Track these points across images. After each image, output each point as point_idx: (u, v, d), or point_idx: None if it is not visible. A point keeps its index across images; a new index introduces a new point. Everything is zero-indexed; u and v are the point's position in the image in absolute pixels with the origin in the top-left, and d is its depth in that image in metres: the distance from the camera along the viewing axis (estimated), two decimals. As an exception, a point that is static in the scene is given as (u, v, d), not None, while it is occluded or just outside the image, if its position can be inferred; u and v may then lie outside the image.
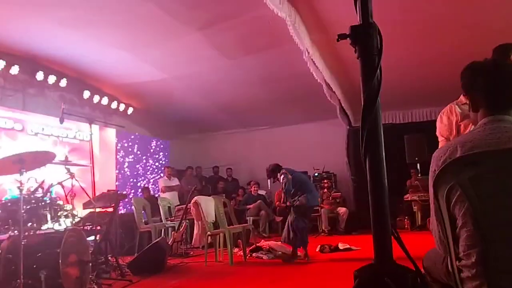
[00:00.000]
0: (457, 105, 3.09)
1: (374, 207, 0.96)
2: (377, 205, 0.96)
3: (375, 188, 0.96)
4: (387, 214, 0.95)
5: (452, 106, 3.11)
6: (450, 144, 1.51)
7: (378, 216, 0.95)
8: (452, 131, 3.06)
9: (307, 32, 6.25)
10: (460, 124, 3.03)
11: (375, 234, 0.95)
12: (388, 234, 0.95)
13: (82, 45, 6.74)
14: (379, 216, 0.95)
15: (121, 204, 8.76)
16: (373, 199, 0.96)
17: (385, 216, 0.95)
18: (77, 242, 3.83)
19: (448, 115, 3.10)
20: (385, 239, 0.95)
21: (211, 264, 5.70)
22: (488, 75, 1.51)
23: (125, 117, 9.59)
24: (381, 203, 0.95)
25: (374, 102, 0.96)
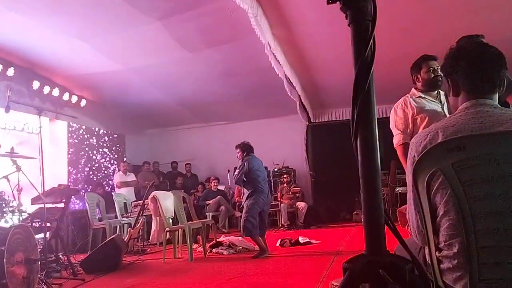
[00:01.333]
0: (411, 98, 3.09)
1: (366, 192, 0.87)
2: (370, 191, 0.87)
3: (367, 171, 0.87)
4: (380, 200, 0.86)
5: (406, 99, 3.10)
6: (430, 129, 1.45)
7: (371, 202, 0.86)
8: (408, 124, 3.04)
9: (269, 26, 6.17)
10: (417, 117, 3.01)
11: (367, 222, 0.86)
12: (381, 222, 0.86)
13: (31, 32, 6.30)
14: (372, 202, 0.86)
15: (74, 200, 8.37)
16: (365, 184, 0.87)
17: (378, 202, 0.86)
18: (24, 239, 3.56)
19: (403, 108, 3.08)
20: (378, 228, 0.86)
21: (169, 261, 5.52)
22: (471, 58, 1.46)
23: (78, 110, 9.14)
24: (373, 188, 0.86)
25: (367, 75, 0.87)
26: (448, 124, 1.41)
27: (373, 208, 0.85)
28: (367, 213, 0.86)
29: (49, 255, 4.64)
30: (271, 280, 4.25)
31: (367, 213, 0.86)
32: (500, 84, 1.47)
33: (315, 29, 6.47)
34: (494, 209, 1.28)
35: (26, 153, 5.27)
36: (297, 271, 4.61)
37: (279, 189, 9.77)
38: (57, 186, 5.09)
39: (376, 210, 0.85)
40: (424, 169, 1.39)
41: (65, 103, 8.76)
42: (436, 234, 1.42)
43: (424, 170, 1.38)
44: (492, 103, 1.43)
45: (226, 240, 6.16)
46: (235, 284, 4.11)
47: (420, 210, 1.46)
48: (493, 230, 1.28)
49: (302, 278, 4.22)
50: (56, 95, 8.37)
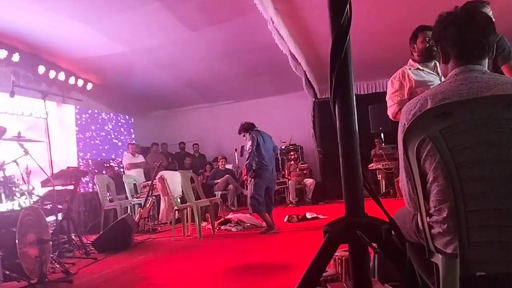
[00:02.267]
0: (410, 70, 3.02)
1: (344, 156, 0.89)
2: (347, 154, 0.89)
3: (345, 135, 0.88)
4: (358, 163, 0.88)
5: (404, 70, 3.02)
6: (420, 96, 1.46)
7: (349, 165, 0.88)
8: (403, 95, 2.94)
9: (271, 1, 6.10)
10: (416, 90, 2.89)
11: (346, 185, 0.89)
12: (359, 185, 0.88)
13: (34, 17, 6.31)
14: (350, 166, 0.88)
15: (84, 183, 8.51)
16: (343, 147, 0.89)
17: (356, 166, 0.88)
18: (35, 221, 3.64)
19: (400, 80, 2.99)
20: (356, 190, 0.88)
21: (179, 239, 5.63)
22: (460, 24, 1.45)
23: (85, 93, 9.21)
24: (351, 151, 0.88)
25: (343, 42, 0.88)
26: (437, 91, 1.42)
27: (351, 172, 0.87)
28: (345, 176, 0.88)
29: (62, 236, 4.76)
30: (278, 254, 4.32)
31: (345, 176, 0.88)
32: (489, 49, 1.46)
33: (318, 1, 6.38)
34: (481, 174, 1.29)
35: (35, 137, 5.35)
36: (303, 245, 4.67)
37: (287, 166, 9.82)
38: (66, 168, 5.18)
39: (354, 173, 0.87)
40: (413, 137, 1.40)
41: (71, 87, 8.81)
42: (426, 201, 1.45)
43: (413, 138, 1.40)
44: (480, 69, 1.43)
45: (235, 218, 6.24)
46: (243, 259, 4.20)
47: (411, 178, 1.48)
48: (481, 194, 1.30)
49: (308, 251, 4.27)
50: (62, 79, 8.42)
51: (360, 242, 0.86)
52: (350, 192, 0.88)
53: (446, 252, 1.39)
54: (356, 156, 0.88)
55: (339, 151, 0.89)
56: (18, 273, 3.30)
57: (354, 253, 0.88)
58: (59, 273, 3.82)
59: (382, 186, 9.18)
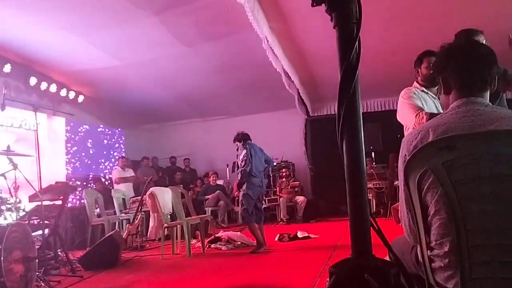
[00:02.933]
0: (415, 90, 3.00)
1: (351, 195, 0.86)
2: (355, 193, 0.86)
3: (353, 174, 0.86)
4: (366, 203, 0.86)
5: (411, 89, 3.00)
6: (422, 127, 1.44)
7: (356, 205, 0.86)
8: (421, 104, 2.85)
9: (266, 19, 6.13)
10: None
11: (353, 225, 0.86)
12: (367, 226, 0.85)
13: (27, 28, 6.26)
14: (357, 205, 0.86)
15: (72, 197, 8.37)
16: (351, 187, 0.86)
17: (364, 205, 0.86)
18: (21, 237, 3.56)
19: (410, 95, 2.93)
20: (364, 231, 0.85)
21: (168, 257, 5.53)
22: (462, 56, 1.44)
23: (76, 106, 9.13)
24: (359, 190, 0.86)
25: (352, 78, 0.86)
26: (439, 123, 1.40)
27: (359, 211, 0.85)
28: (352, 216, 0.86)
29: (48, 252, 4.66)
30: (270, 275, 4.26)
31: (352, 216, 0.86)
32: (491, 82, 1.45)
33: (312, 22, 6.43)
34: (484, 208, 1.27)
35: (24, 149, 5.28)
36: (295, 266, 4.62)
37: (278, 183, 9.78)
38: (55, 183, 5.10)
39: (361, 213, 0.85)
40: (415, 168, 1.38)
41: (62, 99, 8.73)
42: (427, 233, 1.42)
43: (415, 169, 1.38)
44: (483, 101, 1.42)
45: (225, 236, 6.16)
46: (234, 280, 4.12)
47: (411, 209, 1.45)
48: (484, 229, 1.28)
49: (300, 272, 4.23)
50: (54, 91, 8.34)
51: (368, 287, 0.83)
52: (357, 233, 0.86)
53: (447, 287, 1.36)
54: (364, 194, 0.86)
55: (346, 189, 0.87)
56: (2, 292, 3.21)
57: (361, 297, 0.85)
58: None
59: (373, 205, 9.18)
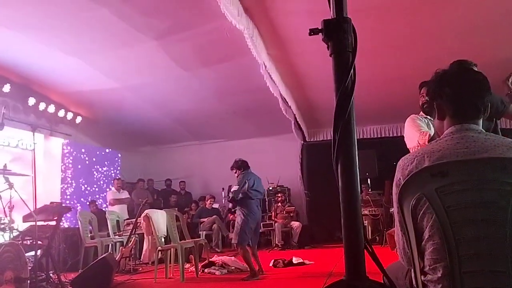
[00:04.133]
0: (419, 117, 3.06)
1: (346, 218, 0.89)
2: (349, 216, 0.88)
3: (347, 197, 0.89)
4: (360, 226, 0.88)
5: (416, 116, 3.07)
6: (417, 153, 1.47)
7: (350, 228, 0.88)
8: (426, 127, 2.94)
9: (264, 46, 6.26)
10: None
11: (347, 248, 0.88)
12: (360, 248, 0.87)
13: (28, 49, 6.35)
14: (352, 228, 0.88)
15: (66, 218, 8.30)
16: (345, 210, 0.89)
17: (358, 228, 0.88)
18: (14, 257, 3.53)
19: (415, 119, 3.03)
20: (358, 253, 0.87)
21: (160, 281, 5.45)
22: (455, 83, 1.49)
23: (73, 127, 9.17)
24: (353, 214, 0.88)
25: (347, 104, 0.90)
26: (435, 149, 1.43)
27: (353, 233, 0.87)
28: (347, 238, 0.88)
29: (40, 274, 4.59)
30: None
31: (347, 238, 0.88)
32: (485, 109, 1.49)
33: (309, 48, 6.54)
34: (476, 235, 1.30)
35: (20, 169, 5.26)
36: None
37: (274, 208, 9.74)
38: (49, 203, 5.07)
39: (356, 235, 0.87)
40: (409, 194, 1.40)
41: (60, 120, 8.77)
42: (421, 258, 1.43)
43: (409, 195, 1.40)
44: (476, 128, 1.46)
45: (219, 260, 6.10)
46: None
47: (405, 233, 1.47)
48: (476, 255, 1.30)
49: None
50: (52, 111, 8.39)
51: (361, 308, 0.85)
52: (351, 255, 0.88)
53: (440, 312, 1.37)
54: (358, 217, 0.88)
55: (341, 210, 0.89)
56: (-8, 313, 3.16)
57: (354, 319, 0.86)
58: (34, 315, 3.66)
59: (368, 232, 9.13)
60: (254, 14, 5.59)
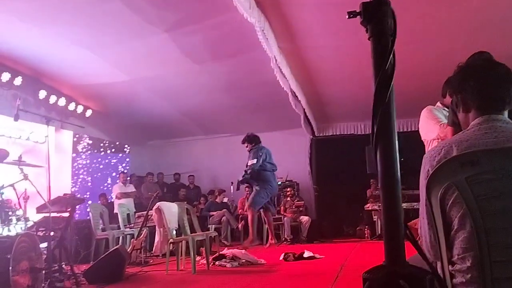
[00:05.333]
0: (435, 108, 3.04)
1: (386, 204, 0.88)
2: (389, 203, 0.88)
3: (388, 182, 0.88)
4: (400, 210, 0.87)
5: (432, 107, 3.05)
6: (445, 143, 1.46)
7: (391, 212, 0.87)
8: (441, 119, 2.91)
9: (275, 39, 6.23)
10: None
11: (387, 234, 0.87)
12: (401, 233, 0.87)
13: (38, 42, 6.37)
14: (391, 214, 0.87)
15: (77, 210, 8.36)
16: (385, 195, 0.88)
17: (398, 213, 0.87)
18: (29, 248, 3.56)
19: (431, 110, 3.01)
20: (398, 238, 0.86)
21: (172, 273, 5.48)
22: (480, 76, 1.47)
23: (83, 120, 9.19)
24: (393, 200, 0.87)
25: (387, 88, 0.88)
26: (462, 139, 1.42)
27: (393, 219, 0.86)
28: (387, 224, 0.87)
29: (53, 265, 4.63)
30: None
31: (387, 224, 0.87)
32: (510, 101, 1.47)
33: (321, 43, 6.53)
34: (507, 224, 1.29)
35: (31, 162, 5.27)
36: (302, 285, 4.58)
37: (283, 203, 9.74)
38: (63, 195, 5.10)
39: (396, 221, 0.86)
40: (437, 183, 1.39)
41: (70, 113, 8.80)
42: (449, 249, 1.42)
43: (437, 184, 1.39)
44: (504, 119, 1.44)
45: (229, 253, 6.12)
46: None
47: (433, 224, 1.46)
48: (507, 244, 1.29)
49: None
50: (62, 104, 8.42)
51: (402, 293, 0.84)
52: (391, 240, 0.87)
53: (468, 302, 1.36)
54: (398, 203, 0.87)
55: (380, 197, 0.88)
56: (9, 302, 3.19)
57: (395, 304, 0.86)
58: (49, 304, 3.69)
59: (378, 227, 9.11)
60: (266, 7, 5.57)
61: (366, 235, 9.22)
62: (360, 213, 9.76)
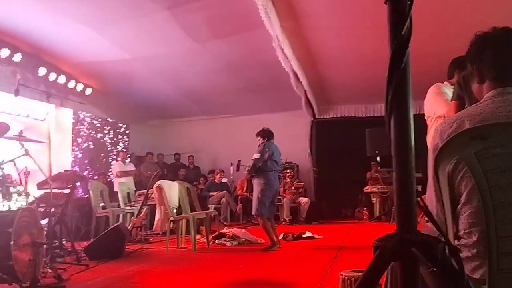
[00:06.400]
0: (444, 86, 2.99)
1: (398, 171, 0.86)
2: (402, 169, 0.86)
3: (400, 149, 0.86)
4: (412, 179, 0.85)
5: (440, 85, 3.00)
6: (457, 117, 1.43)
7: (403, 181, 0.86)
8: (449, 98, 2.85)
9: (278, 18, 6.14)
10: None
11: (399, 201, 0.85)
12: (413, 200, 0.85)
13: (39, 18, 6.28)
14: (404, 182, 0.85)
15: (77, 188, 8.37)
16: (398, 163, 0.86)
17: (411, 182, 0.85)
18: (30, 222, 3.56)
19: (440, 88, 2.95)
20: (410, 206, 0.85)
21: (172, 251, 5.53)
22: (497, 46, 1.43)
23: (83, 98, 9.11)
24: (406, 167, 0.85)
25: (403, 53, 0.86)
26: (475, 112, 1.39)
27: (406, 187, 0.85)
28: (399, 191, 0.85)
29: (54, 241, 4.66)
30: (276, 271, 4.26)
31: (399, 191, 0.85)
32: None
33: (324, 23, 6.45)
34: (516, 198, 1.27)
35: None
36: (301, 264, 4.62)
37: (282, 184, 9.77)
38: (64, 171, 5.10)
39: (408, 188, 0.85)
40: (446, 158, 1.37)
41: (70, 91, 8.73)
42: (455, 223, 1.42)
43: (446, 158, 1.37)
44: None
45: (229, 232, 6.16)
46: (240, 274, 4.13)
47: (440, 198, 1.45)
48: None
49: (306, 270, 4.22)
50: (62, 82, 8.33)
51: (414, 261, 0.83)
52: (403, 208, 0.85)
53: (473, 277, 1.36)
54: (411, 172, 0.85)
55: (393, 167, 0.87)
56: (10, 275, 3.21)
57: (406, 272, 0.85)
58: (50, 278, 3.71)
59: (376, 209, 9.16)
60: (269, -15, 5.48)
61: (364, 217, 9.28)
62: (359, 195, 9.80)
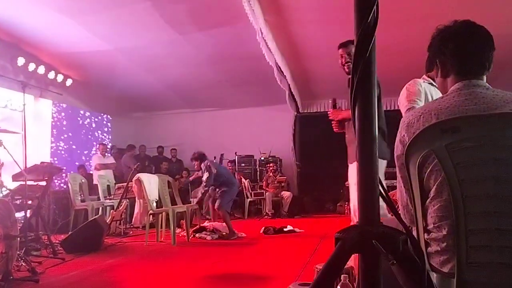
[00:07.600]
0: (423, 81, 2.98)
1: (361, 162, 0.84)
2: (365, 160, 0.84)
3: (364, 138, 0.84)
4: (376, 171, 0.83)
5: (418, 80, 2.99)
6: (423, 110, 1.42)
7: (366, 171, 0.84)
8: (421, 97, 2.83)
9: (261, 11, 6.09)
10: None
11: (362, 194, 0.84)
12: (375, 193, 0.83)
13: (17, 7, 6.12)
14: (367, 173, 0.84)
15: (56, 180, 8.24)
16: (361, 153, 0.84)
17: (374, 174, 0.83)
18: (3, 215, 3.48)
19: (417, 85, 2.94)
20: (372, 198, 0.83)
21: (151, 244, 5.48)
22: (460, 39, 1.42)
23: (63, 89, 8.96)
24: (369, 158, 0.84)
25: (368, 42, 0.84)
26: (442, 106, 1.38)
27: (368, 178, 0.83)
28: (362, 183, 0.83)
29: (29, 233, 4.56)
30: (255, 264, 4.25)
31: (362, 183, 0.83)
32: (489, 65, 1.43)
33: (308, 17, 6.41)
34: (485, 192, 1.26)
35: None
36: (280, 257, 4.62)
37: (265, 178, 9.78)
38: (40, 163, 4.99)
39: (371, 180, 0.83)
40: (416, 151, 1.36)
41: (50, 82, 8.57)
42: (424, 217, 1.41)
43: (416, 152, 1.36)
44: (483, 84, 1.40)
45: (210, 226, 6.13)
46: (219, 268, 4.10)
47: (409, 188, 1.44)
48: (483, 213, 1.27)
49: (286, 263, 4.22)
50: (42, 73, 8.17)
51: (374, 253, 0.81)
52: (365, 200, 0.84)
53: (442, 271, 1.35)
54: (374, 163, 0.84)
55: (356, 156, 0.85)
56: (-18, 269, 3.13)
57: (366, 264, 0.83)
58: (24, 272, 3.65)
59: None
60: (252, -23, 5.43)
61: (346, 211, 9.32)
62: (341, 190, 9.84)
